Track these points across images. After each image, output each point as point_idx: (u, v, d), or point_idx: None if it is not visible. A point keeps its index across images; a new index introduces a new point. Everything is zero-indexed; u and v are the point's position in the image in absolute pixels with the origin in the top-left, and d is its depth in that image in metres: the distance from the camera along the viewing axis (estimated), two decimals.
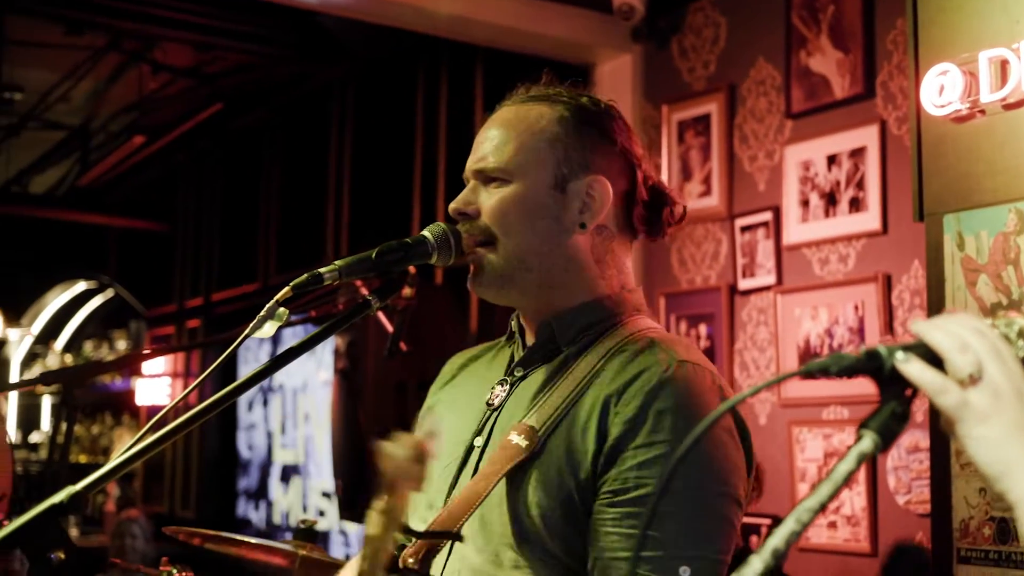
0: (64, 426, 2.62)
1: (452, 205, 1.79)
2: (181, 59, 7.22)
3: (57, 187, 10.31)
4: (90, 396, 10.76)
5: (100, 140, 9.17)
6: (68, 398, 2.59)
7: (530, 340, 1.82)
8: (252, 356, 8.04)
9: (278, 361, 1.57)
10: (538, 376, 1.76)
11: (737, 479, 1.64)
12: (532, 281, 1.76)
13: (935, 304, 3.02)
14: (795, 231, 4.14)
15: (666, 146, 4.69)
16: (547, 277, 1.76)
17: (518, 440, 1.64)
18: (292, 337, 6.12)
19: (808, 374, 1.08)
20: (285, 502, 7.90)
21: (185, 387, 8.62)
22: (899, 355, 1.09)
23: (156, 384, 9.55)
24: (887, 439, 1.07)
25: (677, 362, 1.64)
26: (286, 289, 1.56)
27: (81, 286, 12.07)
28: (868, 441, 1.07)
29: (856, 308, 3.91)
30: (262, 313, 1.56)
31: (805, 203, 4.11)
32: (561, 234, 1.75)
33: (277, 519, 7.98)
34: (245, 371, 7.82)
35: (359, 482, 4.38)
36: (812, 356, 4.04)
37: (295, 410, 7.86)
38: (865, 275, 3.89)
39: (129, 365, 9.53)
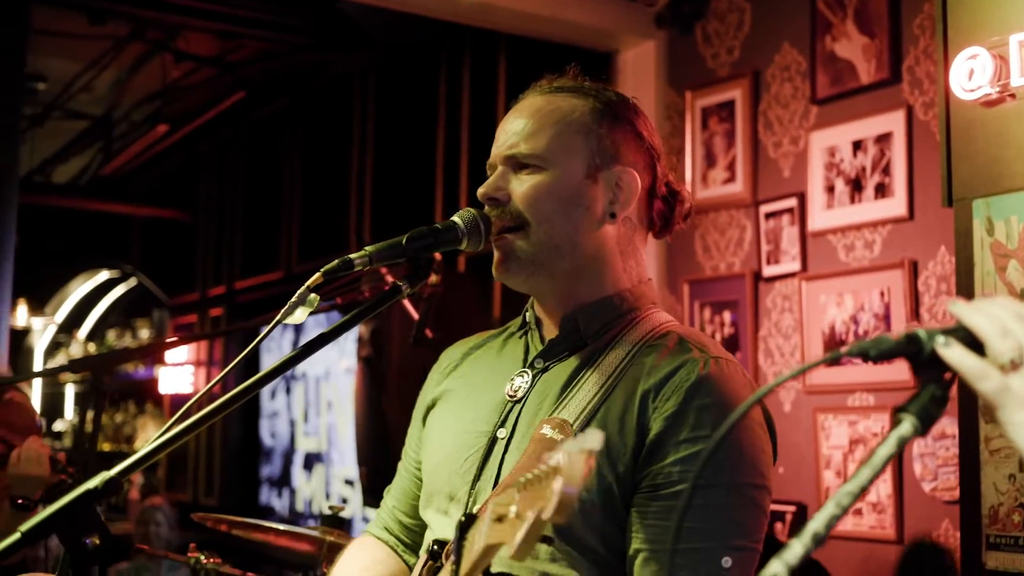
0: (91, 414, 2.64)
1: (481, 190, 1.78)
2: (204, 48, 7.23)
3: (80, 176, 10.36)
4: (114, 384, 10.82)
5: (123, 129, 9.20)
6: (97, 385, 2.60)
7: (548, 331, 1.82)
8: (275, 345, 8.06)
9: (309, 347, 1.58)
10: (563, 369, 1.75)
11: (769, 470, 1.69)
12: (563, 269, 1.76)
13: (964, 290, 3.00)
14: (820, 217, 4.12)
15: (690, 132, 4.67)
16: (577, 266, 1.77)
17: (552, 434, 1.64)
18: (315, 325, 6.13)
19: (837, 360, 1.08)
20: (308, 490, 7.93)
21: (208, 375, 8.56)
22: (940, 339, 1.09)
23: (179, 372, 9.60)
24: (926, 423, 1.07)
25: (712, 359, 1.68)
26: (317, 275, 1.57)
27: (104, 275, 12.12)
28: (908, 425, 1.07)
29: (882, 295, 3.88)
30: (293, 299, 1.56)
31: (830, 189, 4.09)
32: (593, 223, 1.77)
33: (300, 507, 8.01)
34: (268, 360, 7.82)
35: (383, 469, 4.38)
36: (837, 343, 4.02)
37: (318, 398, 7.88)
38: (891, 261, 3.86)
39: (152, 353, 9.57)
